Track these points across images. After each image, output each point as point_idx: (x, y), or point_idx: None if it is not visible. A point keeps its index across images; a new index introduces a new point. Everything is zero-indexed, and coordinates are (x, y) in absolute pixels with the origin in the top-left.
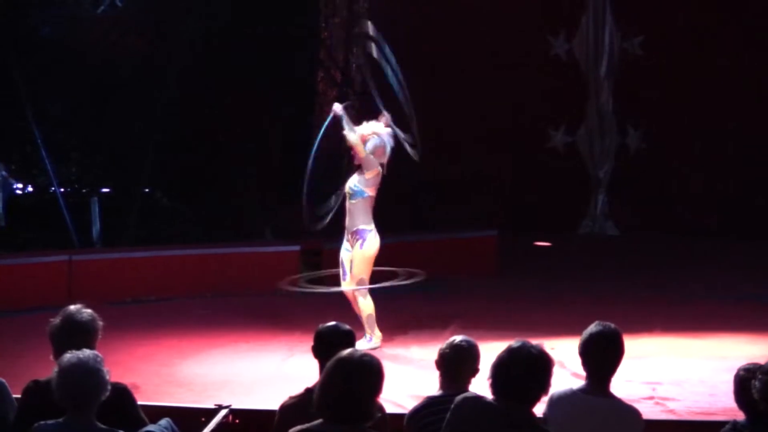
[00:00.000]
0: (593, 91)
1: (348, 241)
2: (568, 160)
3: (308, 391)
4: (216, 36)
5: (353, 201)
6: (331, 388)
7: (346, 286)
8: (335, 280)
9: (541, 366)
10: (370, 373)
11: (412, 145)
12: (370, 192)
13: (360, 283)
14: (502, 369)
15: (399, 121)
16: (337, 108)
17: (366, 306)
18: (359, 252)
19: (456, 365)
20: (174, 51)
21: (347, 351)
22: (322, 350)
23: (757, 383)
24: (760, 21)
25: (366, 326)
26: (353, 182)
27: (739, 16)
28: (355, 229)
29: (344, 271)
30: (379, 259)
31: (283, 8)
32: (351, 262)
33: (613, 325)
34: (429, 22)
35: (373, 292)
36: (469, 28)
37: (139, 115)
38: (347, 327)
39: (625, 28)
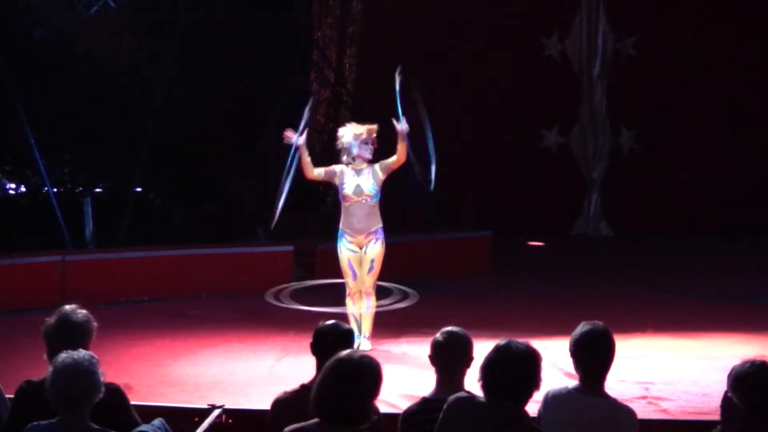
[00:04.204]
0: (586, 91)
1: (355, 242)
2: (562, 161)
3: (303, 387)
4: (209, 36)
5: (373, 202)
6: (329, 389)
7: (361, 285)
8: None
9: (528, 362)
10: (369, 374)
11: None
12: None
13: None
14: (490, 368)
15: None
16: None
17: (374, 305)
18: (380, 250)
19: (449, 351)
20: (166, 51)
21: (346, 351)
22: (320, 348)
23: (735, 399)
24: (754, 21)
25: (369, 326)
26: (369, 184)
27: (733, 16)
28: (375, 228)
29: (354, 273)
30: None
31: (276, 8)
32: (362, 261)
33: (601, 324)
34: (422, 23)
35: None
36: (462, 28)
37: (132, 116)
38: (347, 326)
39: (619, 29)
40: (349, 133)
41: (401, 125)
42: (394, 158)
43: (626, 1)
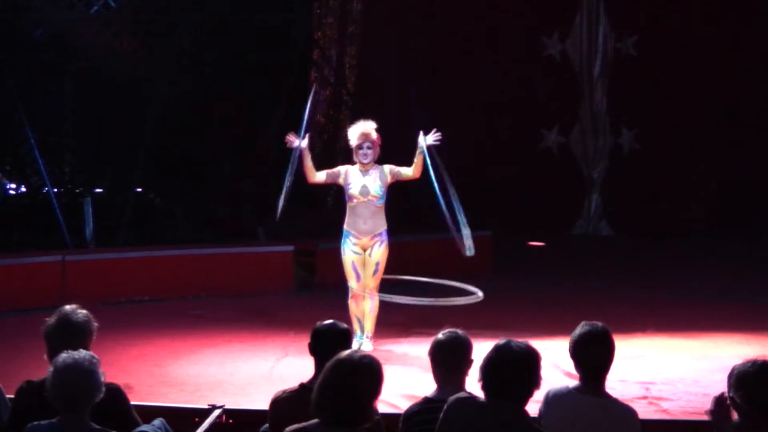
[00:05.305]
0: (587, 91)
1: (359, 244)
2: (562, 161)
3: (302, 387)
4: (209, 35)
5: (379, 204)
6: (329, 389)
7: (365, 287)
8: None
9: (528, 361)
10: (370, 375)
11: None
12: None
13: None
14: (490, 368)
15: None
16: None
17: (377, 305)
18: (384, 252)
19: (451, 351)
20: (166, 51)
21: (347, 352)
22: (318, 348)
23: (737, 399)
24: (754, 21)
25: (372, 326)
26: (376, 186)
27: (733, 15)
28: (380, 231)
29: (357, 274)
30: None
31: (276, 8)
32: (365, 263)
33: (600, 324)
34: (422, 22)
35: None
36: (462, 28)
37: (132, 116)
38: (345, 326)
39: (619, 28)
40: (351, 137)
41: (424, 139)
42: (408, 172)
43: (627, 1)
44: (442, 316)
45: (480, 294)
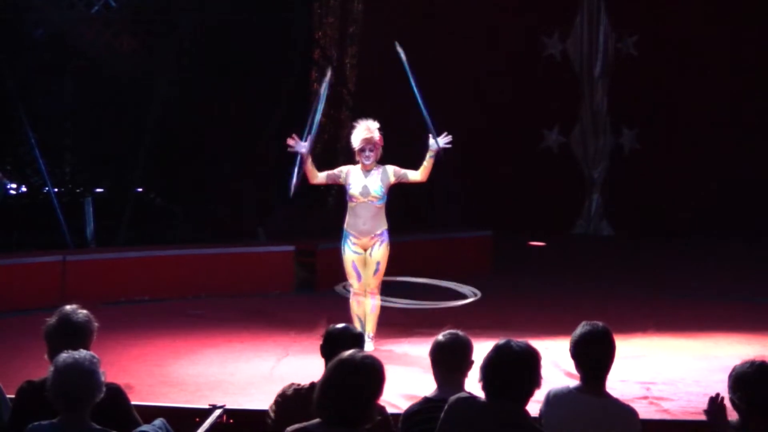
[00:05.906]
0: (587, 91)
1: (359, 244)
2: (563, 160)
3: (313, 386)
4: (209, 35)
5: (379, 204)
6: (331, 389)
7: (366, 286)
8: None
9: (528, 361)
10: (372, 375)
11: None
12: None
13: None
14: (490, 368)
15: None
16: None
17: (378, 305)
18: (385, 252)
19: (452, 352)
20: (167, 51)
21: (349, 352)
22: (330, 351)
23: (736, 400)
24: (755, 20)
25: (373, 326)
26: (377, 186)
27: (733, 15)
28: (380, 230)
29: (358, 274)
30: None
31: (277, 8)
32: (366, 263)
33: (601, 324)
34: (422, 22)
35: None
36: (462, 28)
37: (132, 116)
38: (358, 330)
39: (620, 28)
40: (354, 140)
41: (436, 143)
42: (416, 176)
43: (627, 1)
44: (443, 316)
45: (477, 293)
